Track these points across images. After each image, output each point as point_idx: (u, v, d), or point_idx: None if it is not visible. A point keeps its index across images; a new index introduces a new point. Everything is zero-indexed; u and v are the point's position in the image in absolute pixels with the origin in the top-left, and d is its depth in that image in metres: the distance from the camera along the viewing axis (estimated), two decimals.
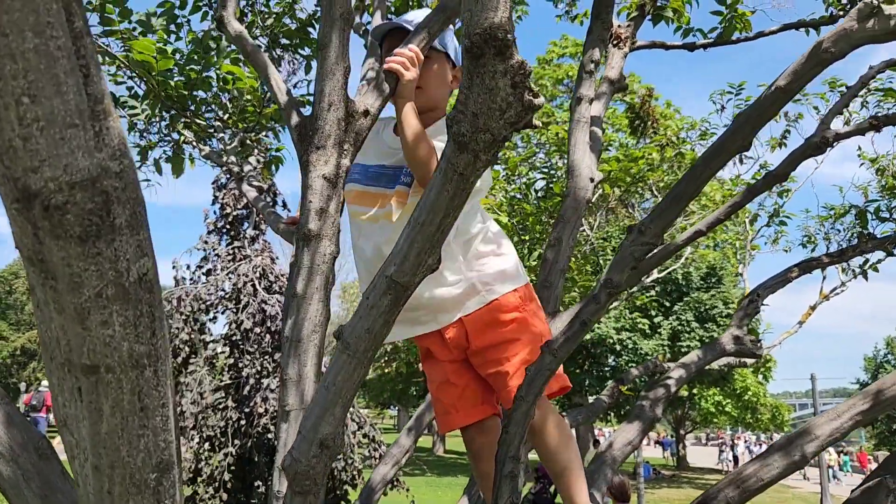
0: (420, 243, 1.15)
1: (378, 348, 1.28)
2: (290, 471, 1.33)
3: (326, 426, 1.30)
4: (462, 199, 1.11)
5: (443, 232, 1.15)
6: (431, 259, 1.18)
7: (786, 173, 2.43)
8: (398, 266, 1.18)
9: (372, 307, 1.23)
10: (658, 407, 3.14)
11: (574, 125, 2.82)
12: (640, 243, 1.65)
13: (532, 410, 1.78)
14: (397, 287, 1.19)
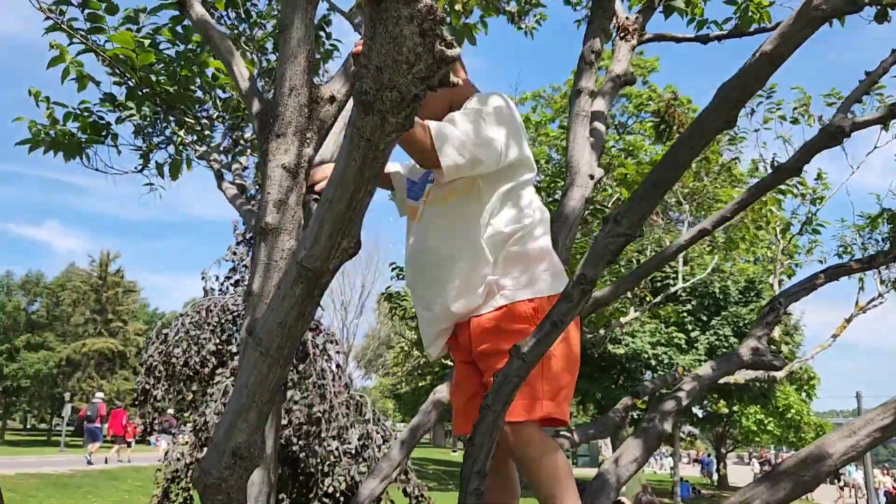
0: (330, 223, 1.01)
1: (295, 345, 1.14)
2: (198, 484, 1.19)
3: (239, 434, 1.15)
4: (374, 169, 0.96)
5: (355, 209, 1.00)
6: (346, 241, 1.03)
7: (798, 167, 2.23)
8: (308, 250, 1.04)
9: (283, 298, 1.08)
10: (667, 421, 2.92)
11: (573, 119, 2.65)
12: (616, 234, 1.48)
13: (500, 421, 1.61)
14: (308, 274, 1.04)
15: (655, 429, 2.90)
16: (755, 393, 20.14)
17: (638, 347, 18.18)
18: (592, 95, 2.67)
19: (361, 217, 1.02)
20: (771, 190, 2.31)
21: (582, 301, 1.53)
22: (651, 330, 18.83)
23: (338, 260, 1.05)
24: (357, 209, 1.00)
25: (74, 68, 3.24)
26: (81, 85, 3.34)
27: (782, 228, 6.14)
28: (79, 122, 3.52)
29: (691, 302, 19.20)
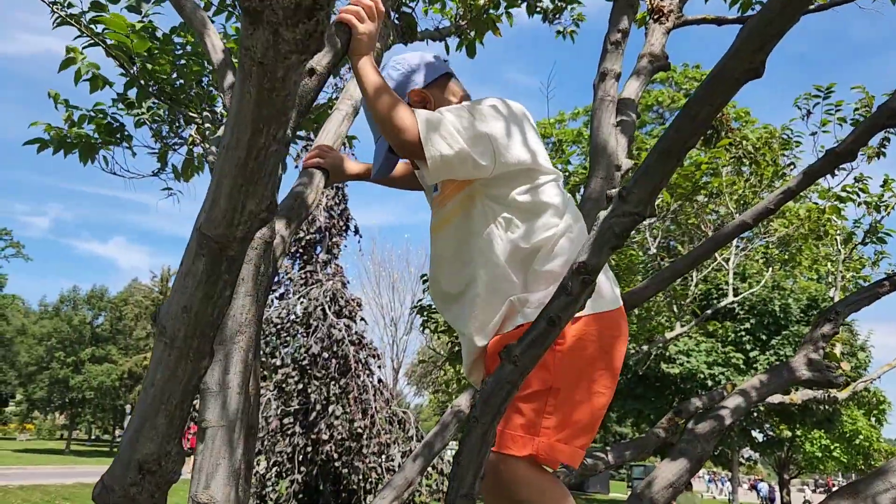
0: (229, 178, 0.80)
1: (209, 336, 0.93)
2: (100, 501, 0.99)
3: (146, 443, 0.95)
4: (275, 105, 0.76)
5: (258, 158, 0.79)
6: (253, 202, 0.83)
7: (852, 150, 1.94)
8: (207, 213, 0.84)
9: (185, 275, 0.88)
10: (709, 442, 2.62)
11: (598, 104, 2.40)
12: (622, 214, 1.23)
13: (490, 437, 1.38)
14: (210, 244, 0.84)
15: (693, 451, 2.61)
16: (819, 417, 19.18)
17: (693, 367, 17.52)
18: (619, 79, 2.42)
19: (272, 172, 0.81)
20: (821, 177, 2.03)
21: (583, 294, 1.29)
22: (707, 349, 18.14)
23: (245, 226, 0.84)
24: (261, 160, 0.79)
25: (87, 68, 3.16)
26: (94, 86, 3.26)
27: (844, 239, 5.71)
28: (93, 124, 3.45)
29: (750, 320, 18.43)
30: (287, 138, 1.67)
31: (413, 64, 1.92)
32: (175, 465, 0.98)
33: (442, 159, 1.60)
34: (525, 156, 1.69)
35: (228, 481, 1.57)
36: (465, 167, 1.64)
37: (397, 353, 29.21)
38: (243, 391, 1.62)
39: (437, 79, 1.90)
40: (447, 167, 1.62)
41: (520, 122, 1.74)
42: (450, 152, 1.60)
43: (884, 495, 1.60)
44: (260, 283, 1.64)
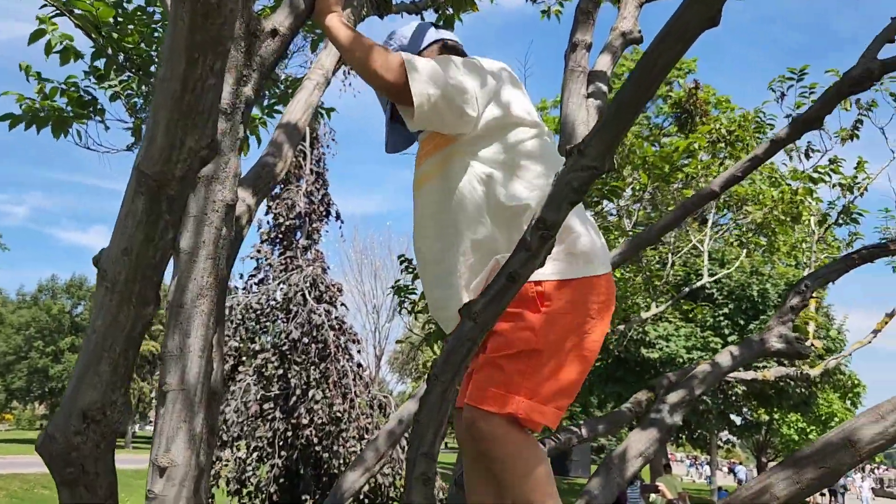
0: (166, 112, 0.78)
1: (152, 281, 0.92)
2: (44, 452, 0.97)
3: (90, 391, 0.94)
4: (209, 32, 0.74)
5: (195, 91, 0.77)
6: (192, 139, 0.81)
7: (818, 116, 1.94)
8: (145, 150, 0.82)
9: (126, 216, 0.86)
10: (678, 413, 2.64)
11: (568, 75, 2.39)
12: (580, 168, 1.23)
13: (450, 394, 1.37)
14: (148, 182, 0.82)
15: (663, 421, 2.63)
16: (796, 400, 19.42)
17: (672, 351, 17.67)
18: (590, 49, 2.41)
19: (210, 108, 0.79)
20: (787, 144, 2.03)
21: (543, 250, 1.28)
22: (686, 334, 18.30)
23: (185, 163, 0.82)
24: (198, 93, 0.77)
25: (59, 40, 3.10)
26: (65, 58, 3.19)
27: (818, 220, 5.75)
28: (65, 97, 3.39)
29: (728, 305, 18.61)
30: (248, 98, 1.64)
31: (405, 35, 1.89)
32: (121, 414, 0.96)
33: (429, 99, 1.57)
34: (503, 110, 1.66)
35: (189, 445, 1.55)
36: (451, 114, 1.61)
37: (379, 340, 29.17)
38: (205, 355, 1.60)
39: (431, 45, 1.86)
40: (433, 110, 1.59)
41: (498, 76, 1.71)
42: (437, 91, 1.58)
43: (845, 454, 1.61)
44: (222, 246, 1.61)
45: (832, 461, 1.62)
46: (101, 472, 0.99)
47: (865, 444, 1.59)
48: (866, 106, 5.36)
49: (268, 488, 10.44)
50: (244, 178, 2.11)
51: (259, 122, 3.46)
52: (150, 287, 0.90)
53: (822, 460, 1.64)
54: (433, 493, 1.39)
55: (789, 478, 1.62)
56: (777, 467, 1.71)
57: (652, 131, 5.52)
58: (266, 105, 3.48)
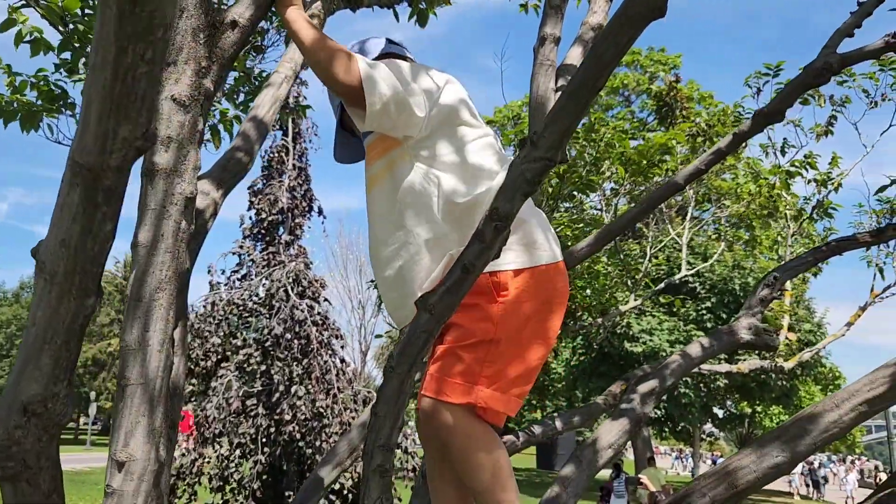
0: (98, 101, 0.78)
1: (91, 271, 0.91)
2: None
3: (30, 384, 0.93)
4: (141, 22, 0.73)
5: (126, 80, 0.77)
6: (126, 128, 0.80)
7: (780, 110, 1.96)
8: (78, 140, 0.81)
9: (62, 207, 0.86)
10: (648, 404, 2.66)
11: (537, 69, 2.40)
12: (533, 159, 1.23)
13: (406, 385, 1.37)
14: (83, 172, 0.82)
15: (633, 411, 2.65)
16: (777, 393, 19.63)
17: (656, 345, 17.80)
18: (558, 43, 2.42)
19: (144, 97, 0.79)
20: (750, 137, 2.05)
21: (497, 241, 1.29)
22: (669, 328, 18.45)
23: (120, 154, 0.82)
24: (129, 82, 0.77)
25: (28, 31, 3.07)
26: (35, 49, 3.16)
27: (794, 215, 5.81)
28: (35, 90, 3.35)
29: (710, 299, 18.76)
30: (207, 90, 1.63)
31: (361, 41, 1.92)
32: (63, 407, 0.96)
33: (381, 99, 1.60)
34: (448, 112, 1.69)
35: (149, 439, 1.55)
36: (401, 115, 1.63)
37: (365, 335, 29.14)
38: (164, 349, 1.59)
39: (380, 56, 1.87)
40: (384, 111, 1.62)
41: (443, 81, 1.74)
42: (388, 92, 1.61)
43: (800, 442, 1.63)
44: (181, 240, 1.60)
45: (786, 453, 1.63)
46: (43, 467, 0.98)
47: (819, 433, 1.61)
48: (840, 102, 5.41)
49: (251, 485, 10.40)
50: (209, 171, 2.10)
51: (234, 119, 3.44)
52: (91, 278, 0.89)
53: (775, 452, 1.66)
54: (390, 485, 1.40)
55: (748, 466, 1.63)
56: (735, 456, 1.73)
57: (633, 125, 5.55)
58: (240, 102, 3.46)
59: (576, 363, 20.68)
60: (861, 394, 1.60)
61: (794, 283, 15.36)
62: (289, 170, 12.72)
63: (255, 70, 3.42)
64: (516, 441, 3.30)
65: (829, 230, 6.27)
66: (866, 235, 3.17)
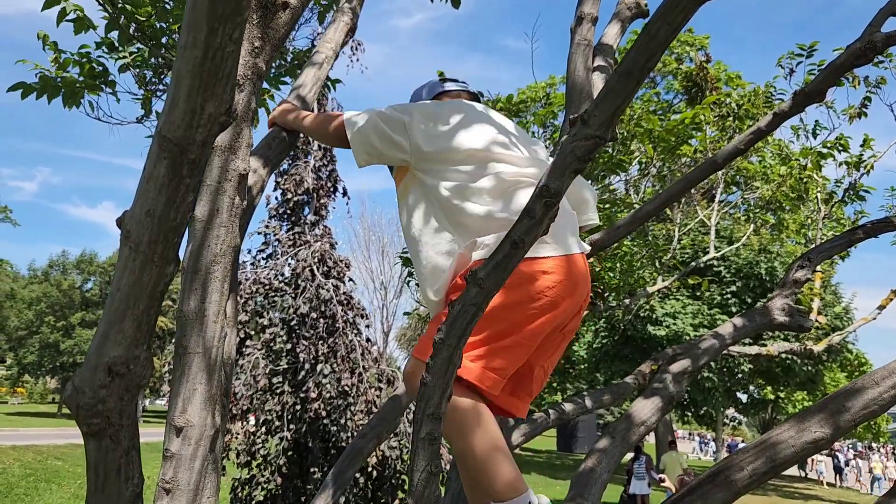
0: (188, 79, 0.83)
1: (174, 241, 0.97)
2: (71, 403, 1.03)
3: (114, 347, 0.99)
4: (231, 3, 0.78)
5: (215, 59, 0.81)
6: (213, 104, 0.85)
7: (821, 90, 1.97)
8: (167, 116, 0.86)
9: (148, 180, 0.91)
10: (681, 382, 2.69)
11: (574, 48, 2.41)
12: (584, 137, 1.26)
13: (457, 357, 1.42)
14: (170, 146, 0.87)
15: (666, 390, 2.68)
16: (802, 378, 19.49)
17: (679, 329, 17.73)
18: (595, 23, 2.43)
19: (229, 75, 0.83)
20: (791, 117, 2.05)
21: (546, 217, 1.32)
22: (693, 311, 18.35)
23: (205, 129, 0.87)
24: (218, 60, 0.81)
25: (72, 9, 3.13)
26: (78, 27, 3.23)
27: (825, 198, 5.76)
28: (78, 67, 3.43)
29: (736, 283, 18.62)
30: (260, 69, 1.68)
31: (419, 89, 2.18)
32: (144, 369, 1.02)
33: (353, 127, 1.83)
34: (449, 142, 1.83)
35: (205, 406, 1.62)
36: (380, 141, 1.82)
37: (387, 316, 29.32)
38: (219, 320, 1.65)
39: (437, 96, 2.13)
40: (364, 139, 1.83)
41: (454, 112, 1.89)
42: (363, 122, 1.83)
43: (843, 415, 1.66)
44: (234, 214, 1.66)
45: (825, 429, 1.66)
46: (125, 424, 1.05)
47: (859, 409, 1.64)
48: (875, 83, 5.34)
49: (277, 461, 10.59)
50: (255, 149, 2.16)
51: (267, 95, 3.49)
52: (172, 248, 0.95)
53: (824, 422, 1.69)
54: (438, 453, 1.45)
55: (787, 441, 1.67)
56: (775, 430, 1.75)
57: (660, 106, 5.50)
58: (273, 76, 3.51)
59: (598, 346, 20.67)
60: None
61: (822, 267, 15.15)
62: (314, 150, 12.80)
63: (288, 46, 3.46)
64: (547, 418, 3.35)
65: (861, 213, 6.21)
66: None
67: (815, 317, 4.96)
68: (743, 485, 1.67)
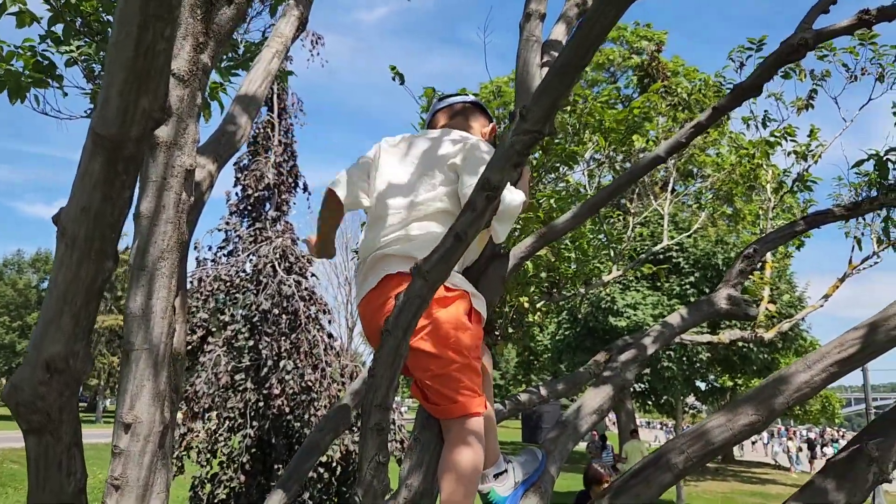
0: (120, 75, 0.83)
1: (111, 237, 0.97)
2: (10, 400, 1.03)
3: (53, 343, 0.99)
4: (161, 1, 0.79)
5: (148, 56, 0.82)
6: (146, 100, 0.86)
7: (757, 84, 2.04)
8: (100, 112, 0.87)
9: (83, 176, 0.92)
10: (630, 370, 2.76)
11: (523, 44, 2.45)
12: (523, 132, 1.30)
13: (403, 348, 1.45)
14: (105, 143, 0.87)
15: (617, 378, 2.74)
16: (759, 366, 19.95)
17: (640, 320, 18.00)
18: (543, 19, 2.47)
19: (162, 72, 0.84)
20: (729, 111, 2.12)
21: (488, 210, 1.35)
22: (653, 303, 18.65)
23: (140, 125, 0.87)
24: (151, 57, 0.82)
25: (13, 2, 3.08)
26: (21, 21, 3.18)
27: (774, 188, 5.91)
28: (22, 61, 3.36)
29: (694, 274, 18.97)
30: (205, 65, 1.68)
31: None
32: (83, 364, 1.02)
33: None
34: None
35: (154, 402, 1.62)
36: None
37: (351, 311, 29.19)
38: (167, 316, 1.65)
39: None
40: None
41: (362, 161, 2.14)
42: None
43: (777, 399, 1.73)
44: (182, 210, 1.66)
45: (761, 412, 1.73)
46: (65, 420, 1.05)
47: (792, 392, 1.70)
48: (820, 76, 5.49)
49: (240, 458, 10.51)
50: (204, 144, 2.15)
51: (220, 89, 3.46)
52: (109, 243, 0.95)
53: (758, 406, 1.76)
54: (386, 443, 1.48)
55: (723, 425, 1.73)
56: (712, 417, 1.82)
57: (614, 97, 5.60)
58: (224, 67, 3.48)
59: (561, 337, 20.89)
60: (832, 355, 1.70)
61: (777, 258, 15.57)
62: (275, 146, 12.67)
63: (241, 41, 3.44)
64: (503, 409, 3.39)
65: (809, 202, 6.38)
66: (842, 209, 3.27)
67: (765, 305, 5.10)
68: (683, 467, 1.73)
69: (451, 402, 1.78)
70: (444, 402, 1.79)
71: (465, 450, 1.74)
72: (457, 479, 1.72)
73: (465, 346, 1.79)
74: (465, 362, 1.79)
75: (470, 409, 1.77)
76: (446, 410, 1.79)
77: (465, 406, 1.77)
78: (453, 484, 1.72)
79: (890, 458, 1.60)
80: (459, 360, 1.78)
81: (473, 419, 1.78)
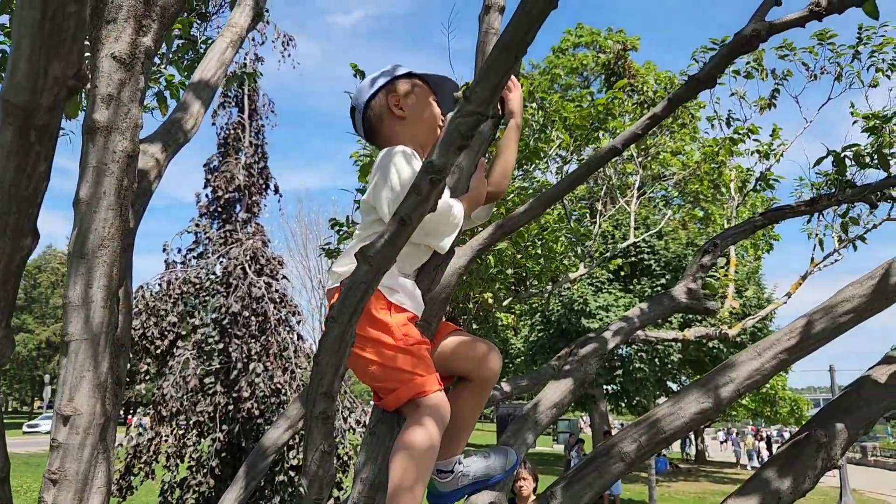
0: (28, 39, 0.80)
1: (27, 211, 0.93)
2: None
3: None
4: None
5: (56, 20, 0.79)
6: (58, 66, 0.83)
7: (712, 76, 2.04)
8: (9, 79, 0.83)
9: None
10: (590, 364, 2.75)
11: (482, 37, 2.43)
12: (467, 114, 1.28)
13: (349, 335, 1.42)
14: (15, 111, 0.84)
15: (577, 371, 2.74)
16: None
17: (610, 321, 18.13)
18: (503, 11, 2.46)
19: (74, 37, 0.81)
20: (684, 102, 2.13)
21: (433, 194, 1.33)
22: (625, 304, 18.81)
23: (51, 93, 0.84)
24: (59, 20, 0.79)
25: None
26: None
27: (738, 186, 5.98)
28: None
29: (665, 276, 19.18)
30: (148, 48, 1.64)
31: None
32: (4, 348, 0.98)
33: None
34: None
35: (94, 394, 1.57)
36: None
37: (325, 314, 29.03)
38: (108, 306, 1.61)
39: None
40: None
41: None
42: None
43: (724, 389, 1.73)
44: (124, 196, 1.62)
45: (710, 399, 1.73)
46: None
47: (743, 379, 1.71)
48: (782, 76, 5.57)
49: (209, 462, 10.38)
50: (154, 133, 2.11)
51: (180, 85, 3.42)
52: (27, 219, 0.92)
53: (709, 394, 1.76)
54: (332, 431, 1.45)
55: (673, 413, 1.73)
56: (662, 405, 1.82)
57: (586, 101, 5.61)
58: (185, 65, 3.43)
59: (534, 339, 20.97)
60: (782, 342, 1.71)
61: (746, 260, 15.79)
62: (245, 147, 12.56)
63: (201, 37, 3.39)
64: None
65: (772, 200, 6.47)
66: (801, 205, 3.30)
67: (729, 302, 5.15)
68: (636, 456, 1.72)
69: (394, 390, 1.74)
70: (388, 393, 1.76)
71: (418, 429, 1.67)
72: (408, 458, 1.63)
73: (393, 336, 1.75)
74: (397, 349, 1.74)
75: (415, 389, 1.71)
76: (394, 398, 1.75)
77: (410, 388, 1.71)
78: (404, 463, 1.63)
79: (838, 443, 1.61)
80: (387, 350, 1.74)
81: (425, 398, 1.71)
